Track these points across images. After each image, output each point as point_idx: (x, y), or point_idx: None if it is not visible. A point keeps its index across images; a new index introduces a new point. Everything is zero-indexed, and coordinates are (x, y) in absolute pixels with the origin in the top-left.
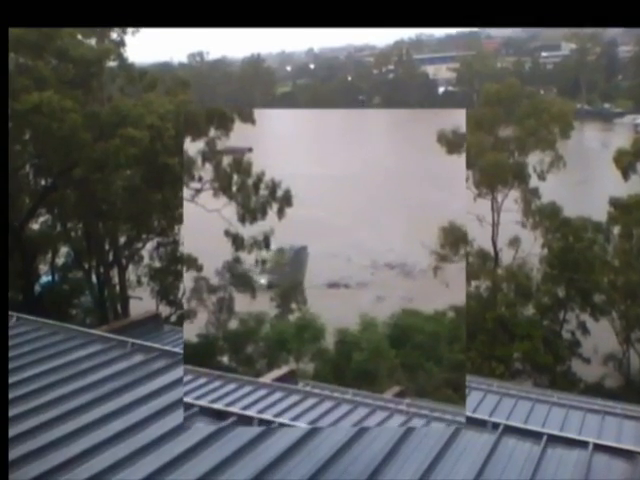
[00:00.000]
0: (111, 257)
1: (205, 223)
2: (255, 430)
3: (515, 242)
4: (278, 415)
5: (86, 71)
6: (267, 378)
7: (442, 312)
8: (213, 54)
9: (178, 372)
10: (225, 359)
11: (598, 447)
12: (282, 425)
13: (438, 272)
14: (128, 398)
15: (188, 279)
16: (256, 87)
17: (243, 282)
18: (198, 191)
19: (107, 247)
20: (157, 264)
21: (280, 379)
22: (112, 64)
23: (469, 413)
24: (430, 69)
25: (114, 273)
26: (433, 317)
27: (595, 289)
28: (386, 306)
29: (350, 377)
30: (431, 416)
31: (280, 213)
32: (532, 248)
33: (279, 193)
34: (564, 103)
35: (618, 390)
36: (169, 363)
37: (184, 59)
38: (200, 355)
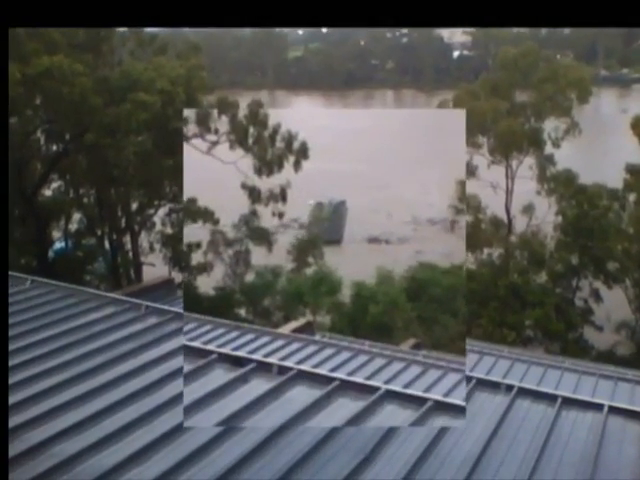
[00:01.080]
0: (123, 223)
1: (222, 176)
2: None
3: (529, 209)
4: (297, 364)
5: (96, 35)
6: (285, 329)
7: (459, 266)
8: None
9: (194, 333)
10: (242, 312)
11: (612, 410)
12: (302, 372)
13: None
14: (143, 359)
15: (205, 232)
16: (267, 51)
17: (260, 235)
18: (214, 143)
19: (119, 213)
20: (169, 230)
21: (297, 330)
22: (122, 28)
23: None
24: (445, 32)
25: (126, 239)
26: (450, 271)
27: (609, 257)
28: (426, 260)
29: (366, 330)
30: (447, 367)
31: (296, 165)
32: (546, 216)
33: (295, 145)
34: (581, 68)
35: (630, 358)
36: (182, 325)
37: None
38: (217, 308)
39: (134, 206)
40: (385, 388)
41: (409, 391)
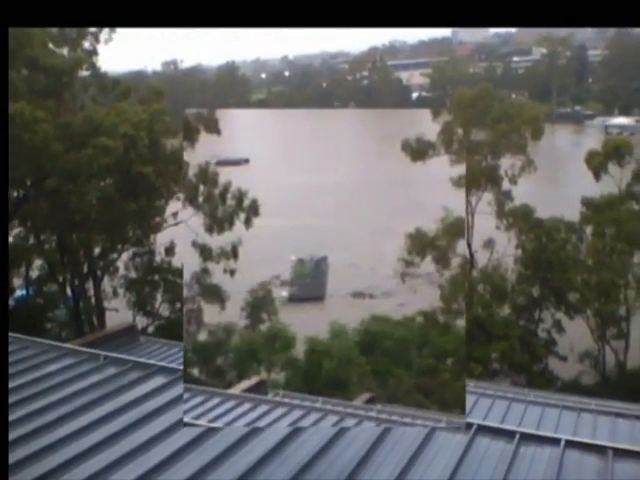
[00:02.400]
0: (86, 269)
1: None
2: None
3: (490, 244)
4: (247, 425)
5: (58, 81)
6: (237, 389)
7: (411, 317)
8: (187, 62)
9: (151, 384)
10: (195, 371)
11: (570, 443)
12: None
13: (406, 279)
14: (101, 411)
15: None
16: (231, 95)
17: (212, 292)
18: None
19: (81, 259)
20: (133, 274)
21: (250, 389)
22: (84, 73)
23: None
24: (404, 75)
25: (89, 285)
26: (402, 323)
27: (569, 288)
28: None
29: (321, 385)
30: (400, 421)
31: (247, 223)
32: (507, 249)
33: (246, 203)
34: (534, 107)
35: (595, 387)
36: (142, 375)
37: (158, 67)
38: None
39: (97, 251)
40: None
41: None
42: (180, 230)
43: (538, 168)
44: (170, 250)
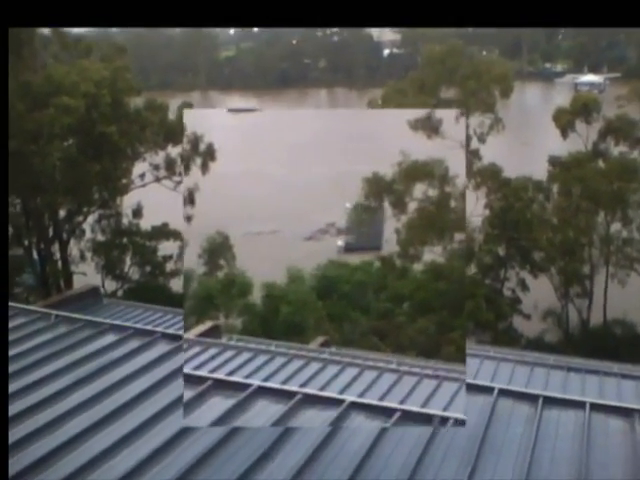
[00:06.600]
0: (51, 232)
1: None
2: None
3: None
4: (197, 368)
5: (17, 37)
6: (191, 334)
7: (369, 262)
8: None
9: (102, 341)
10: None
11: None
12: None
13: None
14: (50, 369)
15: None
16: (199, 52)
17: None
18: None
19: (47, 222)
20: (100, 237)
21: (204, 334)
22: (45, 30)
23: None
24: (374, 31)
25: (55, 249)
26: (360, 267)
27: (534, 247)
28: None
29: (278, 330)
30: (345, 362)
31: (204, 167)
32: (474, 209)
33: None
34: (504, 64)
35: (558, 344)
36: (93, 333)
37: None
38: None
39: (62, 214)
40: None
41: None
42: (148, 190)
43: (507, 127)
44: (138, 212)
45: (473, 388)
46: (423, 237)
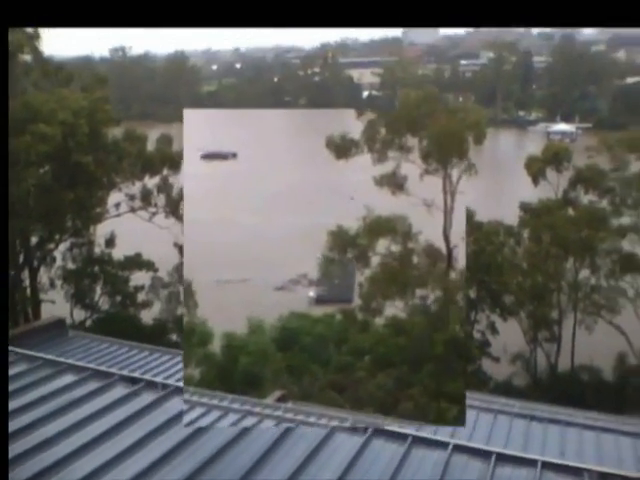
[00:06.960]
0: (22, 258)
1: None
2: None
3: None
4: None
5: None
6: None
7: (331, 315)
8: (136, 49)
9: (59, 382)
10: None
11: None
12: None
13: None
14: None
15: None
16: (181, 85)
17: None
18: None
19: (18, 248)
20: (71, 265)
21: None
22: (26, 57)
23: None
24: (355, 73)
25: (25, 275)
26: (322, 319)
27: (504, 290)
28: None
29: (236, 381)
30: (298, 420)
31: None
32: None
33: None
34: (478, 111)
35: (526, 389)
36: (52, 372)
37: (106, 53)
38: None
39: (33, 240)
40: None
41: None
42: (123, 220)
43: (479, 172)
44: (110, 242)
45: (430, 443)
46: (385, 291)
